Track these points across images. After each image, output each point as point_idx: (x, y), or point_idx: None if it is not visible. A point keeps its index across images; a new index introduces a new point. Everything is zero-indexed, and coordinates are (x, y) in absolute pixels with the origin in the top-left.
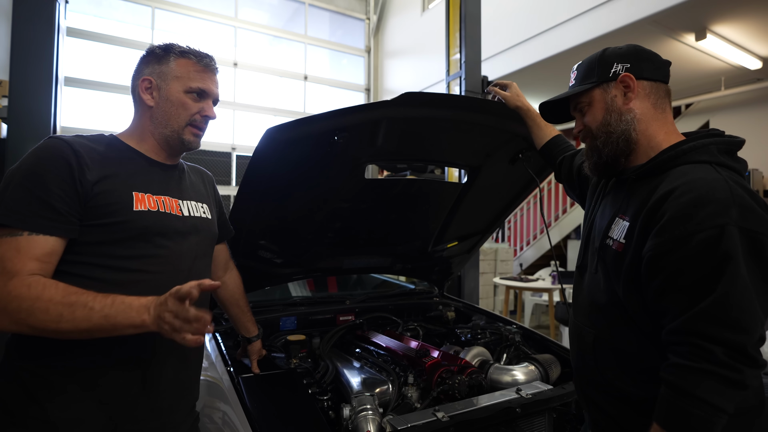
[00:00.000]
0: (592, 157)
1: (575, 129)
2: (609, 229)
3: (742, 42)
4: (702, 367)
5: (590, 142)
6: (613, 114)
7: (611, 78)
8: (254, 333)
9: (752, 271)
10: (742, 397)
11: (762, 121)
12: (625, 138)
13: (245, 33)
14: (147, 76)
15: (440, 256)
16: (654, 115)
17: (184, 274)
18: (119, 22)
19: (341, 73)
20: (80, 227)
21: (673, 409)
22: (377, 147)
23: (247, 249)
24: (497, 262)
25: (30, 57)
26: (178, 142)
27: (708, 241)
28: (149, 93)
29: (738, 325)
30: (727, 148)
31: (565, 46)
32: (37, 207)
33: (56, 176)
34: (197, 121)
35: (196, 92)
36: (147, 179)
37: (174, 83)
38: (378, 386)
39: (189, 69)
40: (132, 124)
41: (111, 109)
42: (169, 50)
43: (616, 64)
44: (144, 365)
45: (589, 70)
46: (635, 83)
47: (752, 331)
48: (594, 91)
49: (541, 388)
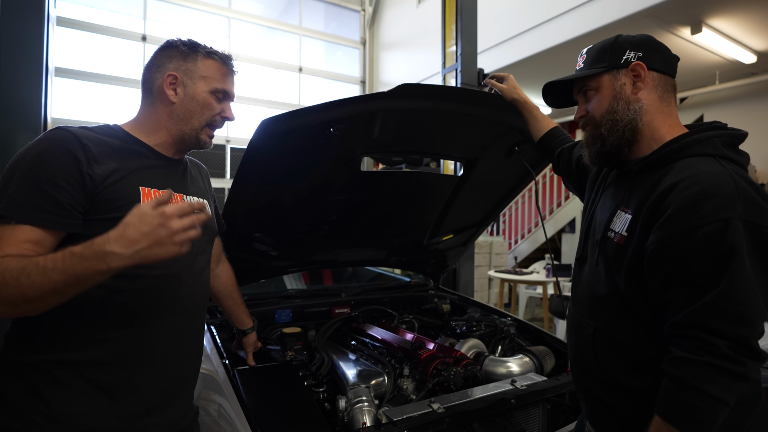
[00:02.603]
0: (594, 145)
1: (577, 114)
2: (611, 221)
3: (737, 36)
4: (705, 360)
5: (592, 129)
6: (620, 102)
7: (622, 65)
8: (249, 325)
9: (755, 265)
10: (742, 389)
11: (756, 116)
12: (631, 128)
13: (239, 24)
14: (172, 71)
15: (435, 249)
16: (660, 107)
17: (186, 270)
18: (110, 11)
19: (336, 65)
20: (85, 221)
21: (675, 402)
22: (373, 139)
23: (242, 242)
24: (492, 255)
25: (19, 47)
26: (194, 141)
27: (712, 234)
28: (173, 89)
29: (742, 319)
30: (730, 140)
31: (561, 39)
32: (40, 200)
33: (63, 168)
34: (216, 121)
35: (221, 93)
36: (153, 173)
37: (200, 83)
38: (373, 378)
39: (215, 70)
40: (142, 116)
41: (103, 100)
42: (196, 48)
43: (628, 51)
44: (148, 360)
45: (600, 54)
46: (646, 73)
47: (755, 324)
48: (603, 76)
49: (535, 380)
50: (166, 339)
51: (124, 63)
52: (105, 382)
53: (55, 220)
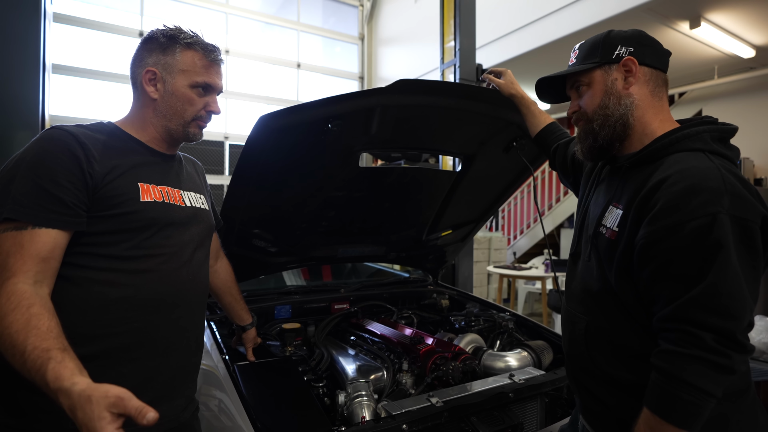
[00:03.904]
0: (586, 140)
1: (569, 110)
2: (602, 217)
3: (736, 30)
4: (691, 353)
5: (584, 125)
6: (612, 97)
7: (614, 60)
8: (248, 321)
9: (742, 258)
10: (730, 382)
11: (754, 110)
12: (622, 122)
13: (237, 19)
14: (151, 66)
15: (434, 244)
16: (651, 102)
17: (186, 264)
18: (107, 8)
19: (335, 61)
20: (87, 219)
21: (663, 394)
22: (371, 135)
23: (242, 238)
24: (491, 251)
25: (16, 43)
26: (182, 135)
27: (700, 229)
28: (153, 85)
29: (727, 312)
30: (720, 135)
31: (560, 34)
32: (46, 200)
33: (64, 168)
34: (202, 116)
35: (202, 87)
36: (150, 169)
37: (180, 77)
38: (373, 373)
39: (195, 62)
40: (132, 113)
41: (101, 97)
42: (175, 40)
43: (620, 46)
44: (148, 354)
45: (592, 49)
46: (637, 68)
47: (741, 318)
48: (595, 71)
49: (533, 374)
50: (166, 333)
51: (122, 59)
52: (106, 376)
53: (63, 220)
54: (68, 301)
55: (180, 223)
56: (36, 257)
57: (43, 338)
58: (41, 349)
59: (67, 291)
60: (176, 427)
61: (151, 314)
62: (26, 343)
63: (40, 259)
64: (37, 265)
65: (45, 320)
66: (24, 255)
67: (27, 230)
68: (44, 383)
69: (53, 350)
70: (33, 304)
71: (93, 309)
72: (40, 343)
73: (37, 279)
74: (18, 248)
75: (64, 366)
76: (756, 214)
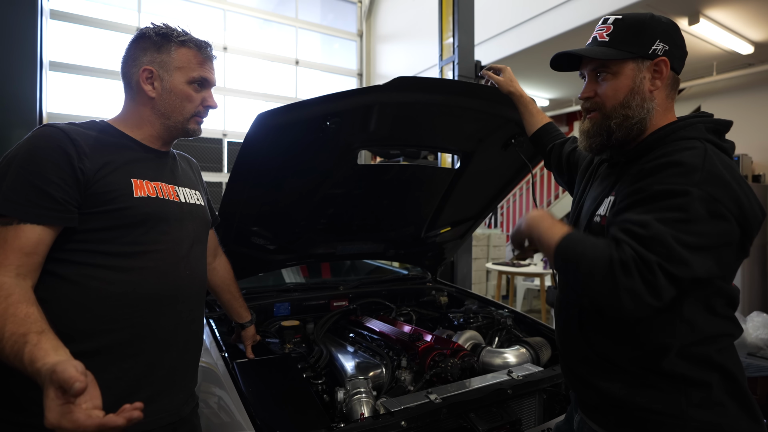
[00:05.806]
0: (598, 136)
1: (583, 93)
2: (597, 208)
3: (735, 27)
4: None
5: (599, 120)
6: (636, 96)
7: (650, 56)
8: (247, 318)
9: (707, 227)
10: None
11: (752, 106)
12: (640, 126)
13: (235, 16)
14: (147, 65)
15: (433, 241)
16: (665, 105)
17: (183, 260)
18: (104, 4)
19: (333, 58)
20: (80, 215)
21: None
22: (370, 132)
23: (240, 235)
24: (490, 248)
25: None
26: (181, 131)
27: (665, 192)
28: (150, 83)
29: (674, 252)
30: (714, 127)
31: (559, 31)
32: (35, 196)
33: (55, 164)
34: (200, 111)
35: (198, 82)
36: (143, 165)
37: (177, 74)
38: (372, 370)
39: (191, 59)
40: (126, 111)
41: (98, 95)
42: (169, 38)
43: (658, 41)
44: (149, 349)
45: (631, 34)
46: (667, 71)
47: (689, 262)
48: (628, 63)
49: (531, 370)
50: (166, 328)
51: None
52: (108, 372)
53: (51, 215)
54: (67, 298)
55: (175, 218)
56: (19, 252)
57: (20, 324)
58: (18, 334)
59: (65, 288)
60: (177, 421)
61: (150, 309)
62: (4, 330)
63: (23, 253)
64: (20, 259)
65: (23, 308)
66: (6, 249)
67: (12, 225)
68: (23, 368)
69: (30, 334)
70: (11, 294)
71: (91, 305)
72: (17, 329)
73: (19, 272)
74: (1, 243)
75: (39, 348)
76: (730, 199)
